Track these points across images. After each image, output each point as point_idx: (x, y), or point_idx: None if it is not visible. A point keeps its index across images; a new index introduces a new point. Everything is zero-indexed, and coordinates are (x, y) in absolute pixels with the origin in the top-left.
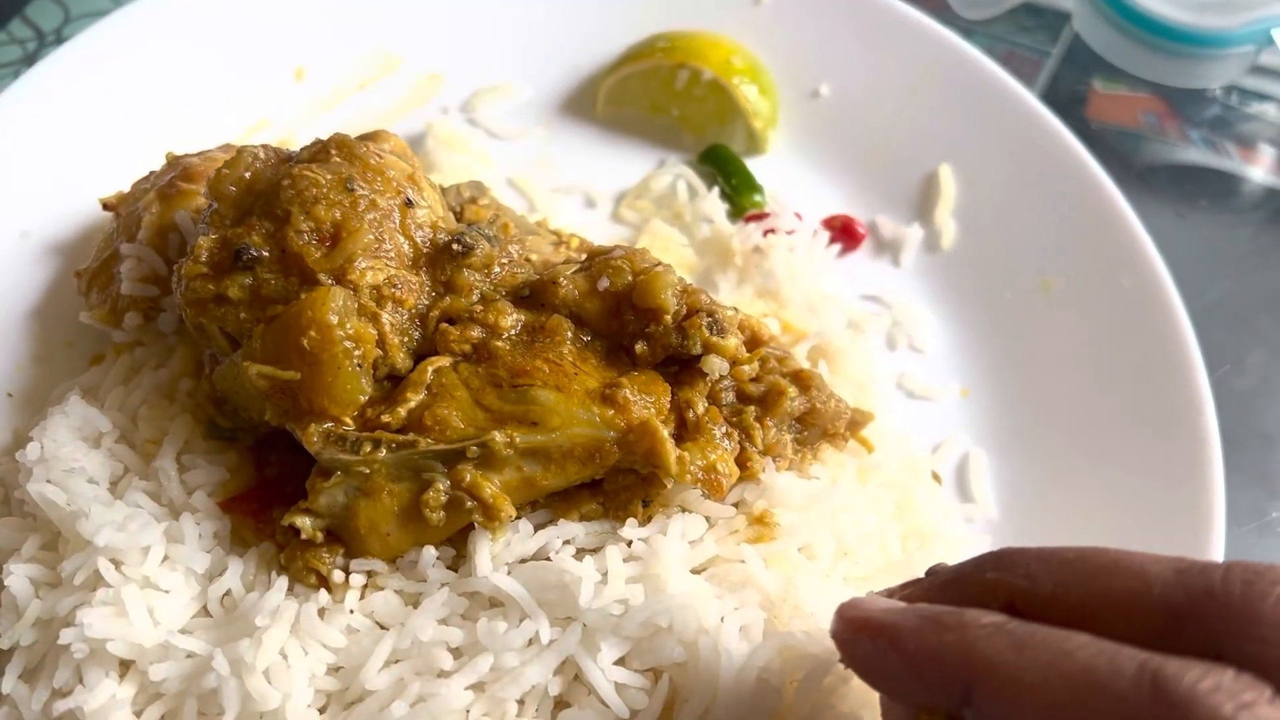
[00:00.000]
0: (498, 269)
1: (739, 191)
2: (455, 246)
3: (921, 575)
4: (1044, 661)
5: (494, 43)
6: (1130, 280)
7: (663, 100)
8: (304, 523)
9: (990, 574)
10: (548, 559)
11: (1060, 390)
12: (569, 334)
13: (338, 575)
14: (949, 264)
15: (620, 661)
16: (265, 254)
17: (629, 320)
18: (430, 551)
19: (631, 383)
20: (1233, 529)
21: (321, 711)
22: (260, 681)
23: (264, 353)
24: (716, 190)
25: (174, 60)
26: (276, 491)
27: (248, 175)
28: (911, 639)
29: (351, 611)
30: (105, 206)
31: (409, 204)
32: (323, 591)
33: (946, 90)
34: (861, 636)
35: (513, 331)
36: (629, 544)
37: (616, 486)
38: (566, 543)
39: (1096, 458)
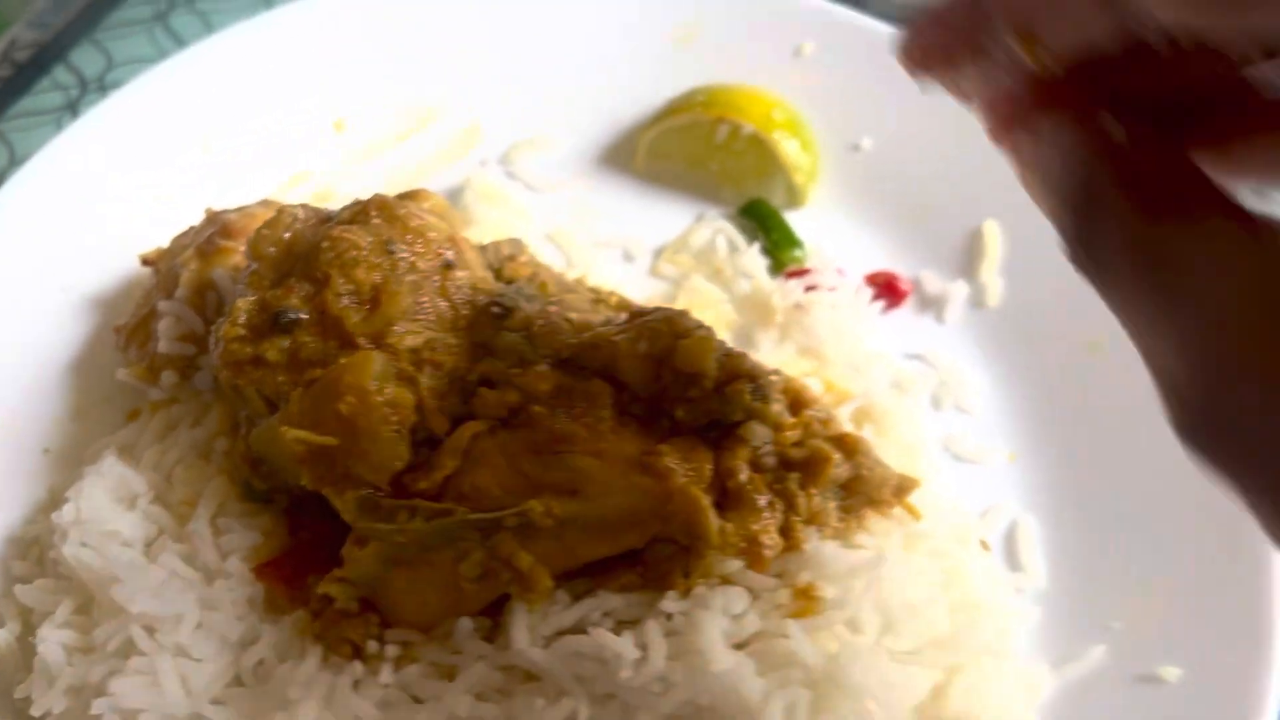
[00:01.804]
0: (536, 330)
1: (779, 247)
2: (494, 309)
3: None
4: None
5: (532, 95)
6: None
7: (702, 154)
8: (339, 592)
9: None
10: (585, 632)
11: (1110, 453)
12: (609, 399)
13: (372, 646)
14: (996, 321)
15: None
16: (304, 316)
17: (669, 384)
18: (466, 623)
19: (672, 450)
20: None
21: None
22: None
23: (301, 417)
24: (757, 245)
25: (215, 113)
26: (310, 557)
27: (287, 236)
28: None
29: (386, 685)
30: (145, 262)
31: (449, 266)
32: (357, 662)
33: (990, 144)
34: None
35: (551, 396)
36: (669, 617)
37: (656, 557)
38: (606, 614)
39: (1149, 525)
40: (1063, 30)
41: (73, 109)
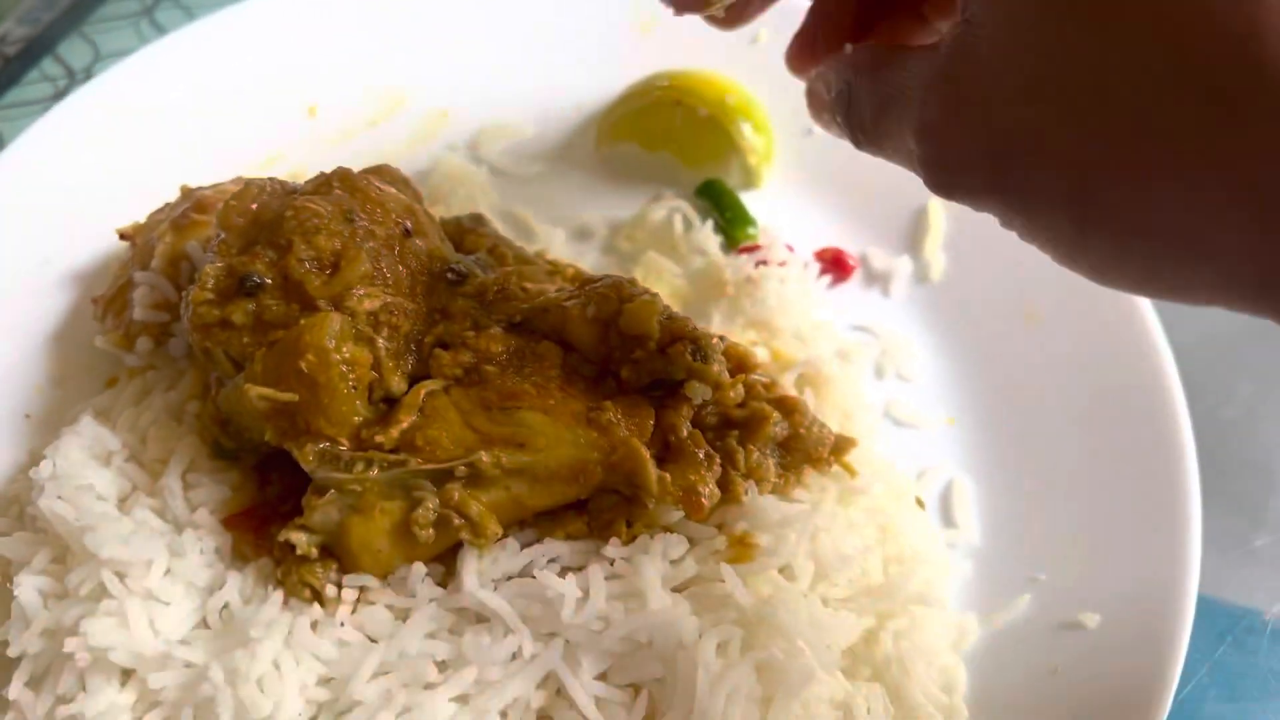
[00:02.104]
0: (491, 296)
1: (733, 225)
2: (450, 275)
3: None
4: None
5: (499, 81)
6: (1113, 312)
7: (660, 137)
8: (299, 539)
9: None
10: (533, 576)
11: (1042, 419)
12: (558, 359)
13: (331, 590)
14: (938, 295)
15: (601, 677)
16: (268, 281)
17: (615, 346)
18: (420, 568)
19: (616, 406)
20: (1215, 556)
21: None
22: (253, 690)
23: (265, 376)
24: (711, 223)
25: (192, 98)
26: (276, 509)
27: (254, 206)
28: None
29: (343, 625)
30: (122, 236)
31: (407, 234)
32: (316, 605)
33: None
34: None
35: (503, 356)
36: (611, 563)
37: (601, 507)
38: (552, 560)
39: (1076, 485)
40: None
41: (60, 99)
